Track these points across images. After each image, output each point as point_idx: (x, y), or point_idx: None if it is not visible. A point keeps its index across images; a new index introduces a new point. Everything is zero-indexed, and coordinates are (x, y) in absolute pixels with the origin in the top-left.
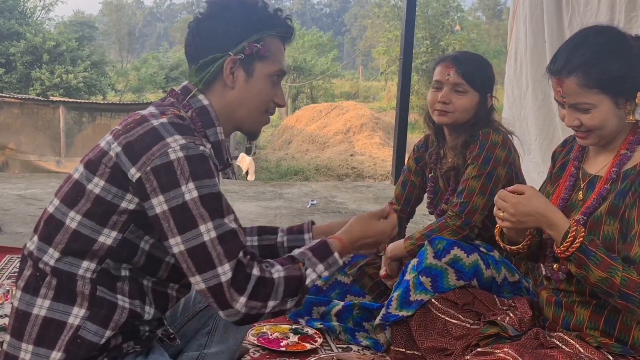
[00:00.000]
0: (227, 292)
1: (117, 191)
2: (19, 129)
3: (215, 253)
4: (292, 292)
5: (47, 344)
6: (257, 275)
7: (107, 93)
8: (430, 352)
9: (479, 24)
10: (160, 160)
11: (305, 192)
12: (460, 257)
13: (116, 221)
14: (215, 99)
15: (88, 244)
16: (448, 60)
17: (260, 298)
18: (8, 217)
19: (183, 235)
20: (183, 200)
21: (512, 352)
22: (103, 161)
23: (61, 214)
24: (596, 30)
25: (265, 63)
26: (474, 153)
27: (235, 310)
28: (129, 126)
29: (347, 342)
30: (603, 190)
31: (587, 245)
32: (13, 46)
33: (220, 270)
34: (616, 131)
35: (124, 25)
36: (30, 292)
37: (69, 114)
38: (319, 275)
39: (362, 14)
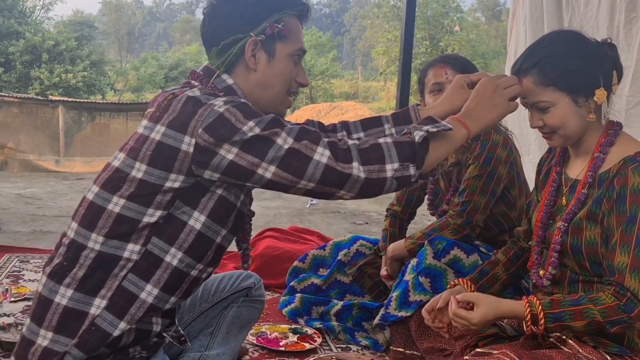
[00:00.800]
0: (336, 166)
1: (160, 172)
2: (18, 128)
3: (303, 149)
4: (408, 156)
5: (67, 332)
6: (355, 143)
7: (107, 93)
8: (430, 352)
9: (478, 25)
10: (210, 117)
11: None
12: (460, 258)
13: (160, 200)
14: (238, 82)
15: (133, 224)
16: (440, 62)
17: (373, 161)
18: (7, 216)
19: (265, 157)
20: (251, 136)
21: (510, 353)
22: (144, 146)
23: (102, 200)
24: (557, 32)
25: (286, 43)
26: (475, 152)
27: (355, 176)
28: (165, 107)
29: (346, 342)
30: (581, 195)
31: (551, 312)
32: (12, 45)
33: (317, 156)
34: (580, 130)
35: (124, 25)
36: (55, 279)
37: (68, 113)
38: (426, 130)
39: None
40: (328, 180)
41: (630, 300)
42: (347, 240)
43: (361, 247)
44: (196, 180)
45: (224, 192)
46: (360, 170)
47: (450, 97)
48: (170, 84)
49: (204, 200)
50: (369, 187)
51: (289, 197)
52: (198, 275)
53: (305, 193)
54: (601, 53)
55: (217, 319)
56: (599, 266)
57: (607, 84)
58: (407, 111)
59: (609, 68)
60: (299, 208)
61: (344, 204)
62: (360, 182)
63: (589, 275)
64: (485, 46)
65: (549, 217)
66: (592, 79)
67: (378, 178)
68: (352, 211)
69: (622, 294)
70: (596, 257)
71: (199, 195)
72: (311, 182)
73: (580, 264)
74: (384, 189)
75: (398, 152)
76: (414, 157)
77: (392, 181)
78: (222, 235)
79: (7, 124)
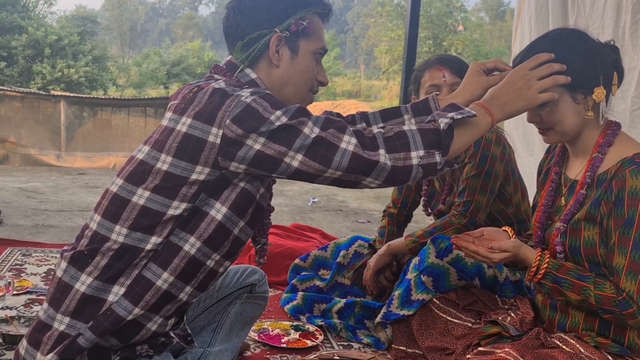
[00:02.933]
0: (363, 154)
1: (186, 164)
2: (20, 122)
3: (329, 137)
4: (434, 143)
5: (84, 318)
6: (380, 131)
7: (108, 88)
8: (431, 351)
9: (482, 25)
10: (237, 108)
11: (307, 189)
12: (462, 257)
13: (186, 193)
14: (261, 76)
15: (157, 217)
16: (437, 64)
17: (398, 148)
18: (9, 210)
19: (293, 146)
20: (278, 125)
21: (513, 352)
22: (170, 138)
23: (127, 192)
24: (560, 29)
25: (310, 40)
26: (470, 152)
27: (382, 164)
28: (190, 99)
29: (348, 340)
30: (580, 196)
31: (556, 273)
32: (15, 40)
33: (343, 144)
34: (576, 128)
35: (126, 21)
36: (77, 266)
37: (70, 108)
38: (451, 117)
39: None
40: (355, 169)
41: (625, 300)
42: (346, 240)
43: (359, 247)
44: (221, 173)
45: (247, 185)
46: (387, 157)
47: (469, 85)
48: (172, 80)
49: (227, 192)
50: (395, 175)
51: (290, 194)
52: (214, 267)
53: (333, 182)
54: (603, 52)
55: (221, 315)
56: (597, 267)
57: (607, 83)
58: (426, 101)
59: (610, 68)
60: (300, 206)
61: (346, 203)
62: (387, 169)
63: None
64: (488, 46)
65: (547, 217)
66: (592, 76)
67: (404, 165)
68: (354, 210)
69: (619, 293)
70: (595, 258)
71: (222, 187)
72: (338, 171)
73: (579, 264)
74: (410, 177)
75: (423, 140)
76: (440, 145)
77: (418, 169)
78: (239, 227)
79: (8, 118)
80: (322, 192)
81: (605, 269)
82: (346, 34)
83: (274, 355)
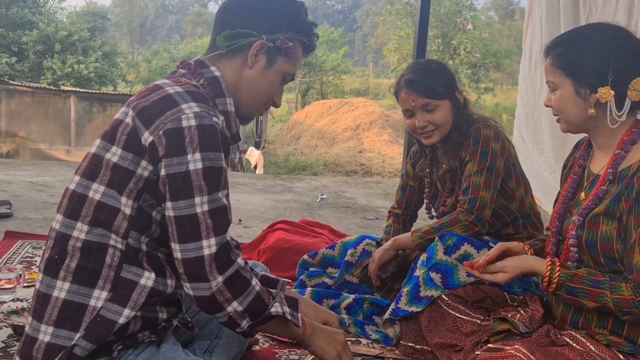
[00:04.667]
0: (207, 266)
1: (133, 157)
2: (30, 117)
3: (204, 226)
4: (254, 312)
5: (68, 326)
6: (240, 264)
7: (118, 84)
8: (440, 348)
9: (491, 24)
10: (172, 124)
11: (315, 186)
12: (470, 253)
13: (132, 189)
14: (229, 73)
15: (113, 214)
16: (404, 88)
17: (232, 290)
18: (19, 203)
19: (176, 202)
20: (186, 169)
21: (523, 349)
22: (120, 129)
23: (83, 187)
24: (600, 23)
25: (286, 62)
26: (469, 150)
27: (207, 285)
28: (143, 94)
29: (356, 335)
30: (599, 191)
31: (570, 284)
32: (26, 35)
33: (205, 244)
34: (579, 120)
35: (136, 17)
36: (51, 274)
37: (80, 103)
38: (282, 312)
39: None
40: (190, 266)
41: None
42: (354, 239)
43: (367, 246)
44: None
45: None
46: (217, 286)
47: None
48: None
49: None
50: (206, 302)
51: (299, 190)
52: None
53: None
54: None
55: None
56: (613, 262)
57: (619, 85)
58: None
59: (631, 72)
60: (309, 202)
61: (354, 200)
62: (207, 293)
63: (604, 272)
64: (497, 45)
65: (565, 208)
66: (599, 75)
67: (219, 305)
68: (363, 206)
69: (637, 294)
70: (611, 253)
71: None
72: (181, 254)
73: (595, 259)
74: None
75: (251, 302)
76: (256, 318)
77: (227, 316)
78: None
79: (19, 113)
80: (330, 188)
81: (621, 265)
82: (355, 32)
83: (282, 349)
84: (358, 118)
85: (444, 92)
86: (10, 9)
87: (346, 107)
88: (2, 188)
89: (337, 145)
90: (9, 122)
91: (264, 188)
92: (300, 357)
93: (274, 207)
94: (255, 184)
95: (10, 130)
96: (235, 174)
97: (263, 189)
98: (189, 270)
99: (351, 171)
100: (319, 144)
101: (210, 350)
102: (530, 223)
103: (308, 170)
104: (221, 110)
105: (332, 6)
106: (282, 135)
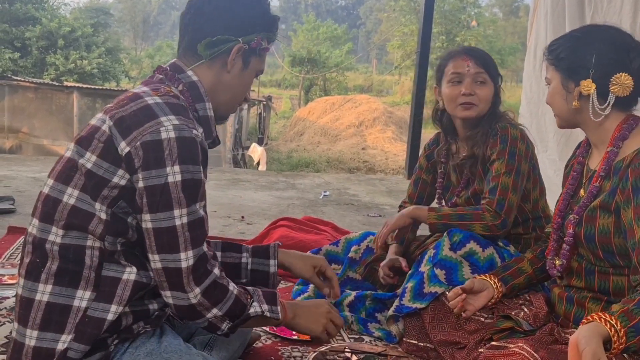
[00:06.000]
0: (185, 278)
1: (109, 166)
2: (33, 113)
3: (182, 238)
4: (233, 315)
5: (53, 328)
6: (216, 274)
7: (121, 80)
8: (443, 345)
9: (495, 21)
10: (151, 136)
11: (318, 183)
12: (475, 251)
13: (106, 195)
14: (207, 77)
15: (87, 218)
16: (463, 53)
17: (211, 299)
18: (23, 199)
19: (155, 214)
20: (165, 181)
21: (526, 347)
22: (96, 136)
23: (57, 191)
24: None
25: (259, 60)
26: (497, 148)
27: (186, 297)
28: (121, 102)
29: (359, 333)
30: (593, 188)
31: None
32: (29, 31)
33: (183, 256)
34: (567, 114)
35: (139, 13)
36: (32, 278)
37: (83, 99)
38: (261, 311)
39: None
40: (169, 276)
41: None
42: (358, 236)
43: (371, 242)
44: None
45: None
46: (195, 297)
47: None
48: None
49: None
50: (186, 312)
51: (302, 187)
52: None
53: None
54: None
55: None
56: (612, 255)
57: (600, 79)
58: (267, 247)
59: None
60: (312, 199)
61: (357, 197)
62: (186, 303)
63: (605, 266)
64: (502, 42)
65: (567, 205)
66: (581, 69)
67: (199, 313)
68: (366, 204)
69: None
70: (609, 247)
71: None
72: (160, 264)
73: (594, 253)
74: (195, 320)
75: (230, 306)
76: (236, 319)
77: (206, 322)
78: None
79: (22, 109)
80: (333, 185)
81: (620, 258)
82: (358, 28)
83: (284, 346)
84: (361, 115)
85: (494, 74)
86: (14, 5)
87: (349, 104)
88: (5, 184)
89: (340, 142)
90: (12, 118)
91: (266, 185)
92: (302, 354)
93: (276, 204)
94: (258, 180)
95: (13, 126)
96: (238, 171)
97: (266, 185)
98: (168, 279)
99: (354, 168)
100: (322, 140)
101: (210, 345)
102: (540, 225)
103: (311, 167)
104: (202, 116)
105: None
106: (285, 131)
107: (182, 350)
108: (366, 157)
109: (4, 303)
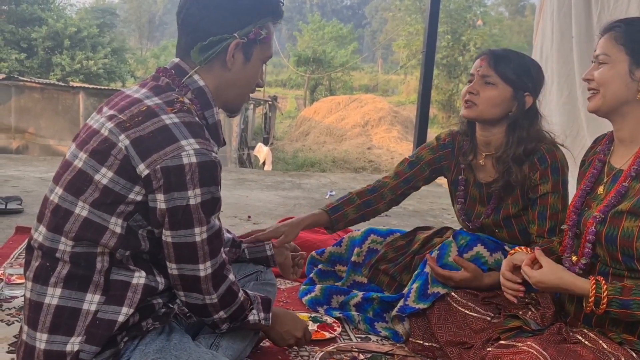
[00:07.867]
0: (204, 285)
1: (126, 183)
2: (39, 113)
3: (202, 252)
4: (235, 318)
5: (62, 331)
6: (231, 280)
7: (127, 80)
8: (450, 345)
9: (501, 20)
10: (172, 162)
11: (324, 183)
12: (482, 255)
13: (123, 210)
14: (210, 79)
15: (100, 231)
16: (484, 54)
17: (223, 303)
18: (30, 199)
19: (176, 231)
20: (187, 203)
21: (535, 345)
22: (112, 152)
23: (68, 203)
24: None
25: (263, 49)
26: (548, 178)
27: (202, 297)
28: (136, 119)
29: (366, 332)
30: (622, 188)
31: (620, 297)
32: (35, 31)
33: (201, 267)
34: (619, 100)
35: (145, 13)
36: (41, 282)
37: (89, 99)
38: (259, 319)
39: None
40: (187, 281)
41: None
42: (360, 235)
43: (372, 243)
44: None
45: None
46: (212, 300)
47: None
48: None
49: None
50: (199, 310)
51: (307, 187)
52: None
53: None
54: None
55: None
56: (631, 259)
57: None
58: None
59: None
60: (318, 199)
61: None
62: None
63: (620, 269)
64: (508, 41)
65: (583, 202)
66: None
67: (208, 313)
68: None
69: None
70: (630, 250)
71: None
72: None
73: (612, 255)
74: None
75: (234, 311)
76: (235, 322)
77: (211, 320)
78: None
79: (28, 109)
80: (339, 185)
81: (638, 263)
82: (364, 27)
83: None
84: (367, 114)
85: (513, 78)
86: (20, 5)
87: (355, 104)
88: (13, 184)
89: (346, 141)
90: (18, 118)
91: (272, 184)
92: (310, 354)
93: (282, 204)
94: (264, 180)
95: (19, 126)
96: (244, 170)
97: (272, 185)
98: (184, 283)
99: (360, 168)
100: (328, 140)
101: (216, 344)
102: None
103: (317, 166)
104: (211, 123)
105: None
106: (291, 131)
107: (190, 347)
108: (372, 156)
109: (13, 302)
